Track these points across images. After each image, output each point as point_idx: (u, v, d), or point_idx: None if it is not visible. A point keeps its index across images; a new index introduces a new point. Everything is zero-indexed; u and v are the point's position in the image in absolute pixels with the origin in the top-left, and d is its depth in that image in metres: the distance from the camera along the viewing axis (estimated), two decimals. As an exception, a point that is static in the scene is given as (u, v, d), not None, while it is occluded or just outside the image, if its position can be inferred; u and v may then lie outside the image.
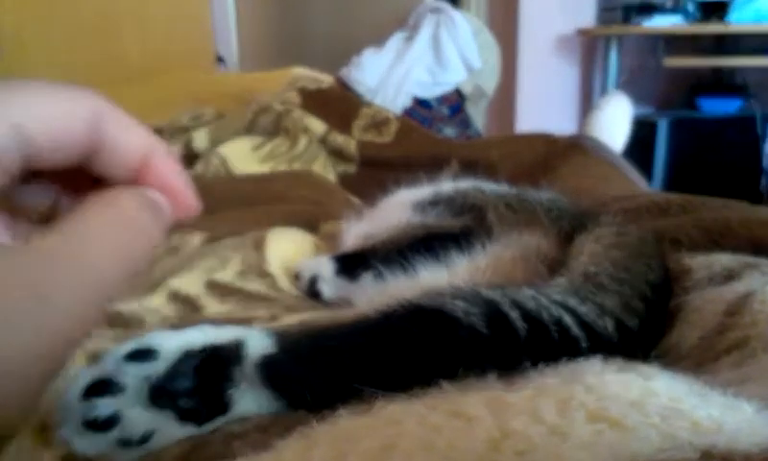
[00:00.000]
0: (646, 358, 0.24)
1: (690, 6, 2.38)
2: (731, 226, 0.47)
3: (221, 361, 0.23)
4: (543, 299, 0.27)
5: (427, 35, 1.74)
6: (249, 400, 0.22)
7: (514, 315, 0.25)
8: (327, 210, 0.70)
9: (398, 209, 0.50)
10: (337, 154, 1.17)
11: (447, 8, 1.79)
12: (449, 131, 1.71)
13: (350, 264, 0.45)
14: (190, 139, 1.09)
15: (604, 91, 2.50)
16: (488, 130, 2.13)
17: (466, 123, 1.77)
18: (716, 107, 2.45)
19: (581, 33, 2.56)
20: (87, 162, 0.21)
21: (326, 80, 1.49)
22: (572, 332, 0.27)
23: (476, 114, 1.86)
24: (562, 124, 2.30)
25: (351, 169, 1.15)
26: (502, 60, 1.93)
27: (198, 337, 0.23)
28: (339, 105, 1.26)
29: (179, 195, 0.22)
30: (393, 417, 0.16)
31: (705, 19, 2.35)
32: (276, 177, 0.96)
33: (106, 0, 1.63)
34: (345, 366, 0.21)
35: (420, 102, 1.75)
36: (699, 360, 0.30)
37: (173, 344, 0.23)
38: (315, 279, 0.46)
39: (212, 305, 0.41)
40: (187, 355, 0.22)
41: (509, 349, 0.24)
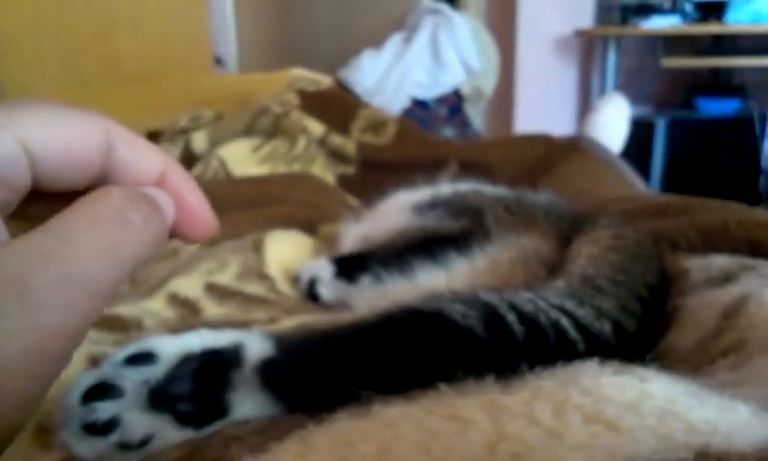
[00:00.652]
0: (643, 361, 0.24)
1: (688, 6, 2.38)
2: (728, 228, 0.47)
3: (220, 365, 0.23)
4: (541, 302, 0.27)
5: (426, 36, 1.74)
6: (247, 403, 0.22)
7: (511, 318, 0.25)
8: (326, 213, 0.70)
9: (397, 212, 0.51)
10: (336, 155, 1.18)
11: (446, 9, 1.79)
12: (448, 131, 1.71)
13: (349, 267, 0.45)
14: (189, 141, 1.09)
15: (602, 92, 2.51)
16: (486, 130, 2.13)
17: (464, 124, 1.77)
18: (714, 107, 2.46)
19: (579, 33, 2.56)
20: (101, 184, 0.21)
21: (325, 81, 1.49)
22: (570, 335, 0.27)
23: (475, 115, 1.86)
24: (560, 125, 2.31)
25: (350, 170, 1.15)
26: (500, 61, 1.93)
27: (197, 341, 0.23)
28: (338, 106, 1.26)
29: (196, 214, 0.22)
30: (390, 420, 0.17)
31: (702, 20, 2.36)
32: (275, 179, 0.96)
33: (102, 1, 1.63)
34: (343, 369, 0.21)
35: (419, 103, 1.75)
36: (696, 363, 0.31)
37: (172, 348, 0.23)
38: (314, 282, 0.46)
39: (211, 308, 0.42)
40: (186, 359, 0.23)
41: (506, 352, 0.24)
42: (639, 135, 2.19)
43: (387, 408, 0.17)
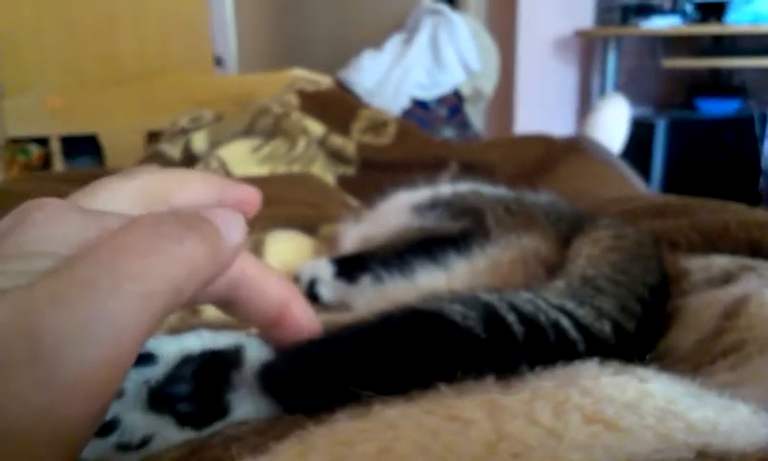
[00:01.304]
0: (643, 361, 0.24)
1: (688, 7, 2.38)
2: (728, 228, 0.47)
3: (220, 366, 0.23)
4: (541, 302, 0.27)
5: (426, 36, 1.74)
6: (247, 404, 0.22)
7: (511, 318, 0.25)
8: (326, 213, 0.70)
9: (397, 212, 0.51)
10: (336, 155, 1.18)
11: (446, 9, 1.79)
12: (448, 132, 1.71)
13: (349, 267, 0.45)
14: (189, 141, 1.09)
15: (602, 92, 2.51)
16: (487, 131, 2.13)
17: (464, 124, 1.77)
18: (714, 108, 2.46)
19: (579, 34, 2.56)
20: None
21: (325, 81, 1.49)
22: (569, 335, 0.27)
23: (475, 116, 1.86)
24: (560, 125, 2.31)
25: (350, 171, 1.16)
26: (501, 62, 1.93)
27: (196, 342, 0.23)
28: (338, 106, 1.26)
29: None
30: (390, 421, 0.17)
31: (703, 20, 2.36)
32: (275, 179, 0.96)
33: (102, 2, 1.63)
34: (343, 371, 0.21)
35: (419, 103, 1.75)
36: (696, 363, 0.31)
37: (171, 349, 0.23)
38: (314, 282, 0.46)
39: (211, 309, 0.41)
40: (186, 360, 0.23)
41: (506, 352, 0.24)
42: (640, 136, 2.19)
43: (386, 409, 0.17)
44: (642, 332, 0.31)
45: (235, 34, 2.28)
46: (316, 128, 1.19)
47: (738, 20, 2.23)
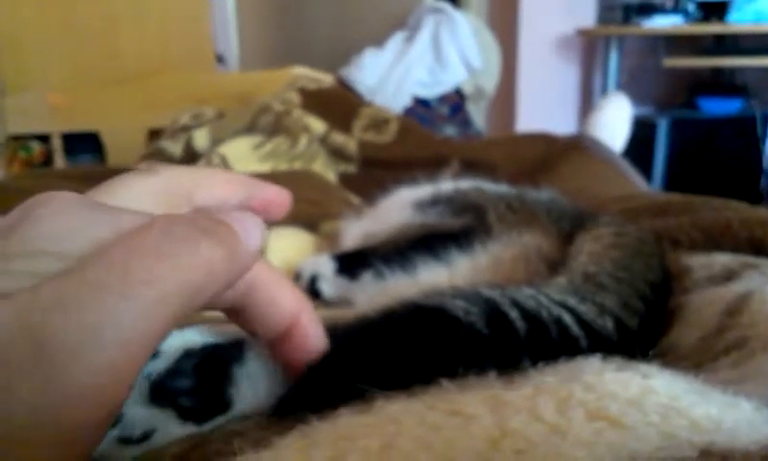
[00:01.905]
0: (645, 357, 0.24)
1: (690, 6, 2.38)
2: (730, 226, 0.47)
3: (221, 360, 0.23)
4: (543, 298, 0.27)
5: (428, 34, 1.74)
6: (249, 399, 0.22)
7: (513, 314, 0.25)
8: (327, 210, 0.70)
9: (399, 209, 0.50)
10: (337, 153, 1.18)
11: (448, 8, 1.79)
12: (450, 130, 1.71)
13: (351, 263, 0.45)
14: (190, 139, 1.09)
15: (604, 91, 2.50)
16: (488, 129, 2.13)
17: (466, 122, 1.77)
18: (716, 107, 2.45)
19: (581, 33, 2.56)
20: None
21: (327, 79, 1.49)
22: (572, 331, 0.27)
23: (476, 114, 1.86)
24: (561, 124, 2.30)
25: (352, 169, 1.15)
26: (502, 60, 1.93)
27: (197, 336, 0.23)
28: (339, 104, 1.26)
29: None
30: (392, 416, 0.17)
31: (705, 19, 2.35)
32: (277, 176, 0.96)
33: (104, 0, 1.63)
34: (346, 366, 0.21)
35: (421, 101, 1.75)
36: (698, 360, 0.30)
37: (173, 343, 0.23)
38: (315, 278, 0.46)
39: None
40: (187, 354, 0.23)
41: (508, 347, 0.24)
42: (641, 135, 2.18)
43: (389, 404, 0.17)
44: (644, 329, 0.31)
45: (236, 32, 2.28)
46: (317, 125, 1.19)
47: (740, 19, 2.22)
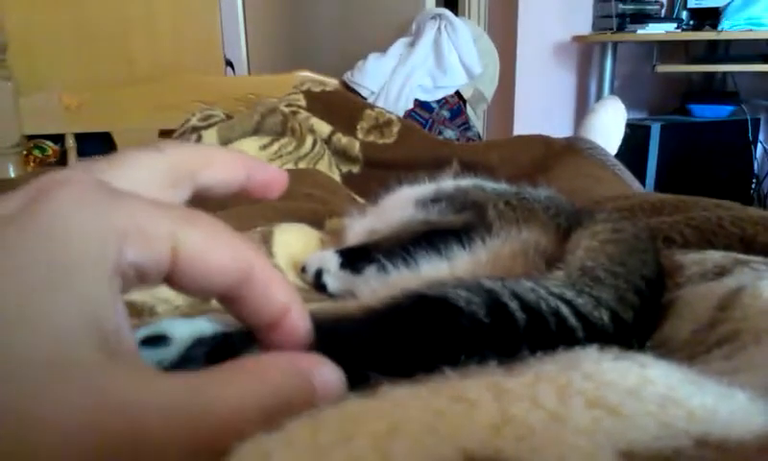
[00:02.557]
0: (641, 349, 0.24)
1: (684, 14, 2.37)
2: (722, 225, 0.47)
3: (232, 348, 0.23)
4: (542, 290, 0.27)
5: (429, 40, 1.74)
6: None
7: (513, 305, 0.25)
8: (332, 207, 0.70)
9: (401, 206, 0.50)
10: (341, 154, 1.18)
11: (449, 14, 1.79)
12: (450, 133, 1.71)
13: (355, 258, 0.45)
14: (200, 139, 1.09)
15: (599, 96, 2.50)
16: (487, 132, 2.13)
17: (466, 126, 1.77)
18: (708, 112, 2.45)
19: (577, 40, 2.56)
20: (225, 301, 0.20)
21: (331, 83, 1.49)
22: (569, 323, 0.26)
23: (475, 118, 1.86)
24: (557, 128, 2.30)
25: (355, 169, 1.15)
26: (501, 66, 1.93)
27: (207, 325, 0.23)
28: (343, 107, 1.26)
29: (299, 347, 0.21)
30: (398, 400, 0.16)
31: (698, 27, 2.35)
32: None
33: (114, 4, 1.63)
34: (351, 352, 0.21)
35: (422, 105, 1.74)
36: (691, 352, 0.30)
37: (185, 331, 0.23)
38: (320, 273, 0.46)
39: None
40: (199, 342, 0.22)
41: (508, 337, 0.24)
42: (635, 139, 2.18)
43: (395, 390, 0.17)
44: (639, 322, 0.31)
45: (244, 40, 2.28)
46: (322, 127, 1.19)
47: (732, 27, 2.22)
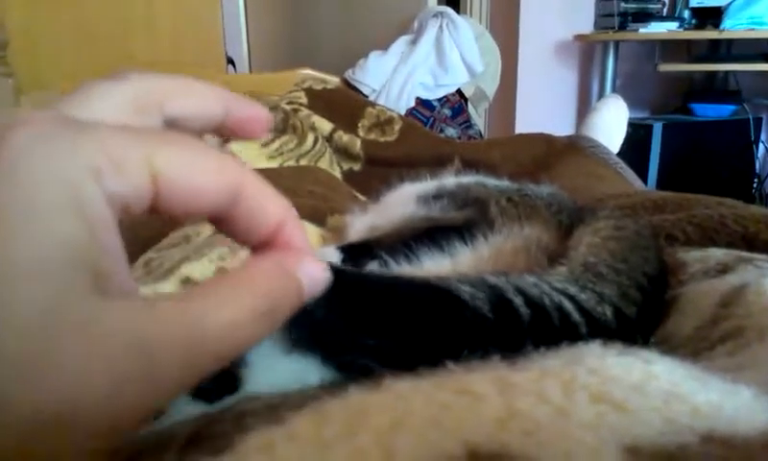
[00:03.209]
0: (645, 345, 0.24)
1: (686, 13, 2.37)
2: (725, 222, 0.46)
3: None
4: (545, 286, 0.27)
5: (431, 38, 1.74)
6: (261, 378, 0.22)
7: (517, 301, 0.25)
8: (333, 204, 0.70)
9: (403, 203, 0.50)
10: (343, 152, 1.17)
11: (450, 12, 1.78)
12: (451, 131, 1.71)
13: (356, 254, 0.45)
14: (201, 136, 1.09)
15: (601, 95, 2.49)
16: (488, 131, 2.12)
17: (467, 124, 1.76)
18: (710, 112, 2.44)
19: (578, 38, 2.55)
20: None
21: (333, 81, 1.49)
22: (572, 318, 0.26)
23: (477, 116, 1.85)
24: (559, 127, 2.30)
25: (357, 167, 1.15)
26: (502, 64, 1.92)
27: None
28: (345, 104, 1.26)
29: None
30: (401, 394, 0.16)
31: (699, 26, 2.34)
32: (285, 171, 0.96)
33: (115, 2, 1.63)
34: (354, 330, 0.21)
35: (423, 103, 1.74)
36: (694, 349, 0.30)
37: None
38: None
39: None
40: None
41: (512, 332, 0.24)
42: (637, 138, 2.18)
43: (399, 383, 0.17)
44: (642, 318, 0.31)
45: (246, 36, 2.28)
46: (324, 125, 1.18)
47: (734, 26, 2.21)
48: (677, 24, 2.33)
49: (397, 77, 1.69)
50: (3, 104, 1.38)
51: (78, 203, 0.15)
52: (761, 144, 2.46)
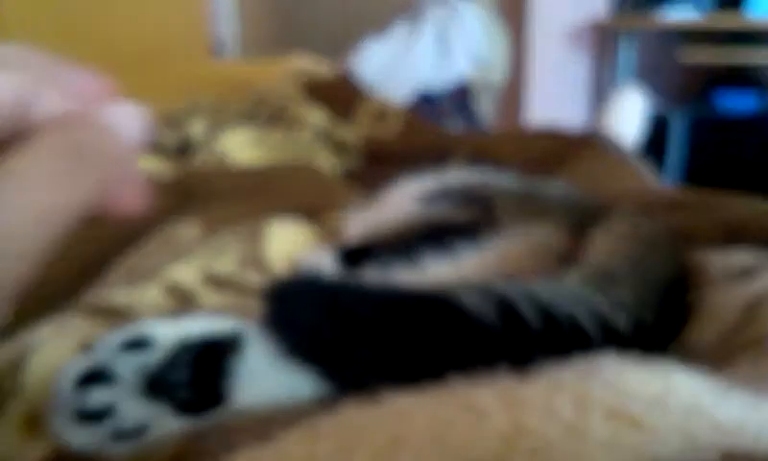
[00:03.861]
0: (662, 353, 0.24)
1: (705, -3, 2.36)
2: (748, 223, 0.46)
3: (219, 352, 0.22)
4: (555, 292, 0.27)
5: (434, 26, 1.73)
6: (248, 392, 0.22)
7: (525, 308, 0.25)
8: (329, 202, 0.70)
9: (404, 201, 0.50)
10: (340, 147, 1.17)
11: (454, -3, 1.78)
12: (454, 124, 1.70)
13: (354, 256, 0.45)
14: (188, 129, 1.09)
15: (615, 84, 2.49)
16: (497, 122, 2.12)
17: (471, 117, 1.76)
18: (732, 101, 2.43)
19: (592, 24, 2.55)
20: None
21: (329, 70, 1.48)
22: (585, 326, 0.26)
23: (483, 108, 1.85)
24: (572, 116, 2.29)
25: (354, 162, 1.15)
26: (512, 52, 1.92)
27: (195, 326, 0.23)
28: (342, 97, 1.25)
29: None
30: (401, 409, 0.16)
31: (720, 10, 2.33)
32: (277, 169, 0.96)
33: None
34: (356, 345, 0.21)
35: (425, 95, 1.74)
36: (717, 357, 0.30)
37: (169, 333, 0.22)
38: (316, 271, 0.46)
39: (210, 297, 0.41)
40: (185, 346, 0.22)
41: (521, 342, 0.24)
42: (654, 131, 2.17)
43: (398, 398, 0.17)
44: (660, 325, 0.31)
45: (238, 16, 2.27)
46: (319, 119, 1.18)
47: (758, 10, 2.20)
48: (694, 7, 2.32)
49: (398, 67, 1.69)
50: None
51: None
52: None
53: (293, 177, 0.86)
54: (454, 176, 0.53)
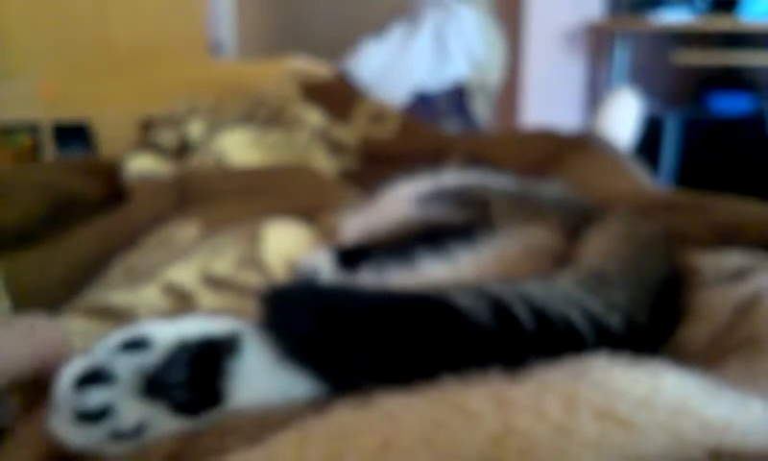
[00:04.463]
0: (655, 354, 0.24)
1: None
2: (741, 225, 0.47)
3: (217, 353, 0.23)
4: (549, 293, 0.27)
5: (430, 27, 1.73)
6: (245, 393, 0.22)
7: (519, 309, 0.25)
8: (327, 203, 0.70)
9: (400, 203, 0.50)
10: (337, 147, 1.17)
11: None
12: (451, 125, 1.71)
13: (351, 257, 0.45)
14: (185, 130, 1.09)
15: (610, 85, 2.49)
16: (493, 123, 2.12)
17: (467, 117, 1.76)
18: (725, 103, 2.44)
19: (587, 26, 2.55)
20: None
21: (326, 69, 1.48)
22: (578, 327, 0.26)
23: (479, 108, 1.85)
24: (567, 117, 2.30)
25: (352, 163, 1.15)
26: (508, 53, 1.92)
27: (193, 327, 0.23)
28: (339, 98, 1.25)
29: None
30: (392, 412, 0.16)
31: (714, 12, 2.34)
32: (275, 170, 0.96)
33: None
34: (350, 349, 0.21)
35: (422, 96, 1.74)
36: (708, 357, 0.30)
37: (168, 334, 0.23)
38: (315, 273, 0.46)
39: (208, 298, 0.41)
40: (182, 346, 0.22)
41: (514, 342, 0.24)
42: (649, 133, 2.17)
43: (389, 400, 0.17)
44: (653, 325, 0.31)
45: (236, 17, 2.27)
46: (317, 119, 1.18)
47: (752, 13, 2.21)
48: (689, 10, 2.33)
49: (395, 68, 1.69)
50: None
51: None
52: (781, 139, 2.46)
53: (290, 177, 0.86)
54: (450, 177, 0.53)
